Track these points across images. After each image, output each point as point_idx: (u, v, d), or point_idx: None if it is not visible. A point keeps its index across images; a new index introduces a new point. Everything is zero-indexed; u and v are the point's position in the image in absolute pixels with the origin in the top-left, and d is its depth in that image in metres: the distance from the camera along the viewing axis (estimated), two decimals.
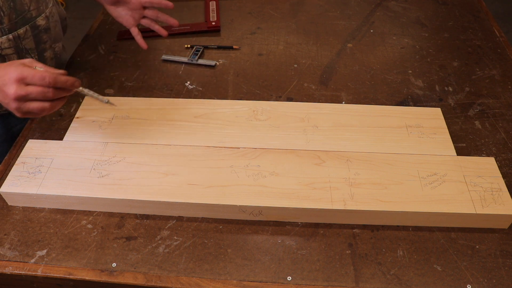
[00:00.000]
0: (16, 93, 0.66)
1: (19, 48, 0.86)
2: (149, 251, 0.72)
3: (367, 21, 1.25)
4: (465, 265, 0.70)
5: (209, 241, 0.74)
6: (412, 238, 0.74)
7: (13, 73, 0.66)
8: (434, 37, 1.19)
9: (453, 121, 0.93)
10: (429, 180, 0.77)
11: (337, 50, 1.15)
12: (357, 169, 0.79)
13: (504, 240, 0.74)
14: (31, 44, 0.88)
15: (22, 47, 0.86)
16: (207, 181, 0.77)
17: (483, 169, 0.79)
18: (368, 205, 0.73)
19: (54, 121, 0.94)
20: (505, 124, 0.93)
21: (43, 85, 0.67)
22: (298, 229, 0.75)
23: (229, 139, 0.85)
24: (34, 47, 0.89)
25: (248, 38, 1.19)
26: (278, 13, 1.29)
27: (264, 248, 0.73)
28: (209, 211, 0.76)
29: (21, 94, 0.66)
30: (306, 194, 0.75)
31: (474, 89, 1.02)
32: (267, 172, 0.78)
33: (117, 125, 0.88)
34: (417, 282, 0.68)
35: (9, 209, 0.78)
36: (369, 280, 0.69)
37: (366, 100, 0.99)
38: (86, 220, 0.77)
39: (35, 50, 0.90)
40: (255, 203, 0.74)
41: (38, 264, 0.71)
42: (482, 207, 0.73)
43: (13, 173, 0.79)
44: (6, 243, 0.73)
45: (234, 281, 0.69)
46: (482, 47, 1.15)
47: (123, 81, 1.05)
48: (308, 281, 0.69)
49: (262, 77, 1.06)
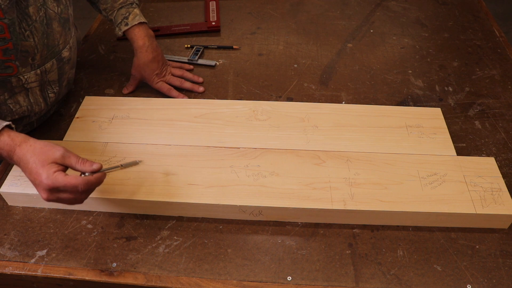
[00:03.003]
0: (48, 198, 0.65)
1: (43, 81, 0.85)
2: (149, 251, 0.72)
3: (367, 21, 1.25)
4: (465, 265, 0.70)
5: (209, 241, 0.74)
6: (412, 238, 0.74)
7: (46, 181, 0.64)
8: (434, 37, 1.19)
9: (453, 121, 0.93)
10: (429, 180, 0.77)
11: (337, 50, 1.15)
12: (357, 169, 0.79)
13: (504, 240, 0.74)
14: (54, 77, 0.87)
15: (46, 79, 0.85)
16: (207, 181, 0.77)
17: (483, 169, 0.79)
18: (368, 205, 0.73)
19: (54, 121, 0.94)
20: (505, 124, 0.93)
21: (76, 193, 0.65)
22: (298, 229, 0.75)
23: (229, 139, 0.85)
24: (57, 79, 0.88)
25: (248, 38, 1.19)
26: (278, 13, 1.29)
27: (264, 248, 0.73)
28: (209, 211, 0.76)
29: (52, 199, 0.66)
30: (306, 194, 0.75)
31: (474, 89, 1.02)
32: (267, 172, 0.78)
33: (117, 125, 0.88)
34: (417, 282, 0.68)
35: (9, 209, 0.78)
36: (369, 280, 0.69)
37: (366, 100, 0.99)
38: (86, 220, 0.77)
39: (57, 82, 0.88)
40: (255, 203, 0.74)
41: (38, 264, 0.71)
42: (482, 207, 0.73)
43: (13, 173, 0.79)
44: (6, 243, 0.73)
45: (234, 281, 0.69)
46: (482, 47, 1.15)
47: (123, 81, 1.05)
48: (308, 281, 0.69)
49: (262, 77, 1.06)
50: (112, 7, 0.98)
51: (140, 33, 0.97)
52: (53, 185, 0.64)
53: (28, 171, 0.66)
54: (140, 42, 0.96)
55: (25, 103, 0.84)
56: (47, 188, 0.64)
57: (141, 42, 0.96)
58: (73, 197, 0.66)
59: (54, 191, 0.65)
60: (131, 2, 0.99)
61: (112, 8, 0.98)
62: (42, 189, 0.65)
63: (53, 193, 0.65)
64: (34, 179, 0.66)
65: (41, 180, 0.64)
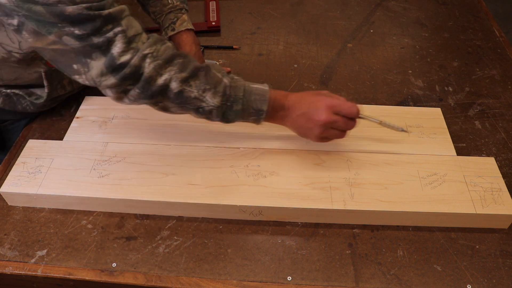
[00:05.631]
0: (326, 119, 0.72)
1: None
2: (149, 251, 0.72)
3: (367, 21, 1.25)
4: (465, 265, 0.70)
5: (209, 241, 0.74)
6: (412, 238, 0.74)
7: (326, 100, 0.73)
8: (434, 37, 1.19)
9: (453, 121, 0.93)
10: (429, 180, 0.77)
11: (337, 50, 1.15)
12: (357, 169, 0.79)
13: (504, 240, 0.74)
14: None
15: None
16: (207, 181, 0.77)
17: (483, 169, 0.79)
18: (368, 205, 0.73)
19: (54, 121, 0.94)
20: (505, 124, 0.93)
21: (348, 116, 0.74)
22: (298, 229, 0.75)
23: (229, 139, 0.85)
24: None
25: (248, 38, 1.19)
26: (278, 13, 1.29)
27: (264, 248, 0.73)
28: (209, 211, 0.76)
29: (329, 120, 0.72)
30: (306, 194, 0.75)
31: (474, 89, 1.02)
32: (267, 172, 0.78)
33: (117, 125, 0.88)
34: (417, 282, 0.68)
35: (9, 209, 0.78)
36: (369, 280, 0.69)
37: (366, 100, 0.99)
38: (86, 220, 0.77)
39: None
40: (255, 203, 0.74)
41: (38, 264, 0.71)
42: (482, 207, 0.73)
43: (13, 173, 0.79)
44: (6, 243, 0.73)
45: (234, 281, 0.69)
46: (482, 47, 1.15)
47: None
48: (308, 281, 0.69)
49: (262, 77, 1.06)
50: (161, 11, 0.97)
51: (187, 39, 0.97)
52: (331, 103, 0.73)
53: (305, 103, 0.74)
54: (187, 48, 0.97)
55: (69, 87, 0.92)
56: (327, 106, 0.72)
57: (188, 49, 0.97)
58: (346, 121, 0.73)
59: (332, 110, 0.72)
60: (181, 8, 0.98)
61: (161, 12, 0.97)
62: (322, 109, 0.72)
63: (330, 114, 0.72)
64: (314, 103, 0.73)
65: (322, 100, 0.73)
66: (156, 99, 0.71)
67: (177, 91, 0.70)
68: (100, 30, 0.64)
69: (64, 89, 0.91)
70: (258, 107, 0.74)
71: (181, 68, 0.70)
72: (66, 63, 0.69)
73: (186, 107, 0.73)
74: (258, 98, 0.74)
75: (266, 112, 0.75)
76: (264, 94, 0.74)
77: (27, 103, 0.88)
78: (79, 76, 0.69)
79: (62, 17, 0.62)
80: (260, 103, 0.74)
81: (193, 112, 0.74)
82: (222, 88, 0.73)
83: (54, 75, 0.86)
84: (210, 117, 0.75)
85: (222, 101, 0.73)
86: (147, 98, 0.71)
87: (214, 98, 0.72)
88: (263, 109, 0.74)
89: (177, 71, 0.70)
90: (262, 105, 0.74)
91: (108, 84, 0.68)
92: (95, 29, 0.64)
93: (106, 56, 0.66)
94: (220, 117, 0.75)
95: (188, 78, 0.71)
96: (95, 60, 0.66)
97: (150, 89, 0.69)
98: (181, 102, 0.72)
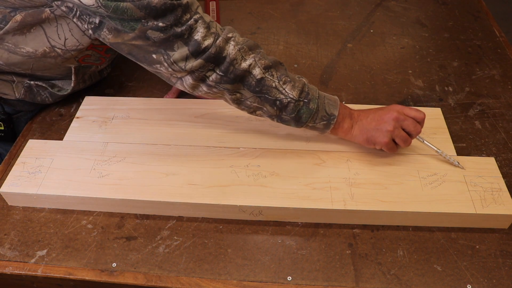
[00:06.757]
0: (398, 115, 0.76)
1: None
2: (149, 251, 0.72)
3: (367, 21, 1.25)
4: (465, 265, 0.70)
5: (209, 241, 0.74)
6: (412, 238, 0.74)
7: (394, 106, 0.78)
8: (434, 37, 1.19)
9: (453, 121, 0.93)
10: (429, 180, 0.77)
11: (337, 50, 1.15)
12: (357, 169, 0.79)
13: (504, 240, 0.74)
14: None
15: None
16: (207, 181, 0.77)
17: (483, 169, 0.79)
18: (368, 205, 0.73)
19: (54, 121, 0.94)
20: (505, 124, 0.93)
21: (416, 119, 0.77)
22: (298, 229, 0.75)
23: (229, 139, 0.85)
24: None
25: (248, 38, 1.19)
26: (278, 13, 1.29)
27: (264, 248, 0.73)
28: (209, 211, 0.76)
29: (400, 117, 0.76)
30: (306, 194, 0.75)
31: (474, 89, 1.02)
32: (267, 172, 0.78)
33: (117, 125, 0.88)
34: (417, 282, 0.68)
35: (9, 209, 0.79)
36: (369, 280, 0.69)
37: (366, 100, 0.99)
38: (86, 220, 0.77)
39: None
40: (255, 203, 0.74)
41: (38, 264, 0.71)
42: (482, 207, 0.73)
43: (13, 173, 0.79)
44: (6, 243, 0.73)
45: (234, 281, 0.69)
46: (482, 47, 1.15)
47: (123, 81, 1.05)
48: (308, 281, 0.69)
49: None
50: None
51: None
52: (401, 106, 0.77)
53: (373, 111, 0.79)
54: None
55: (89, 81, 0.96)
56: (398, 108, 0.77)
57: None
58: (414, 122, 0.76)
59: (401, 117, 0.76)
60: None
61: None
62: (394, 109, 0.76)
63: (402, 114, 0.76)
64: (382, 109, 0.78)
65: (390, 106, 0.78)
66: (236, 85, 0.72)
67: (259, 78, 0.71)
68: (181, 20, 0.66)
69: (84, 83, 0.94)
70: (330, 111, 0.76)
71: (264, 56, 0.73)
72: (145, 55, 0.70)
73: (264, 98, 0.73)
74: (331, 103, 0.77)
75: (336, 118, 0.76)
76: (335, 101, 0.77)
77: (46, 94, 0.90)
78: (160, 65, 0.70)
79: (148, 10, 0.63)
80: (333, 108, 0.76)
81: (269, 105, 0.74)
82: (301, 84, 0.74)
83: (81, 70, 0.89)
84: (284, 113, 0.75)
85: (300, 96, 0.74)
86: (228, 83, 0.71)
87: (293, 91, 0.73)
88: (335, 114, 0.76)
89: (261, 58, 0.72)
90: (334, 110, 0.76)
91: (192, 66, 0.68)
92: (177, 18, 0.65)
93: (190, 42, 0.67)
94: (295, 114, 0.75)
95: (270, 67, 0.73)
96: (177, 49, 0.68)
97: (233, 72, 0.70)
98: (260, 91, 0.72)
